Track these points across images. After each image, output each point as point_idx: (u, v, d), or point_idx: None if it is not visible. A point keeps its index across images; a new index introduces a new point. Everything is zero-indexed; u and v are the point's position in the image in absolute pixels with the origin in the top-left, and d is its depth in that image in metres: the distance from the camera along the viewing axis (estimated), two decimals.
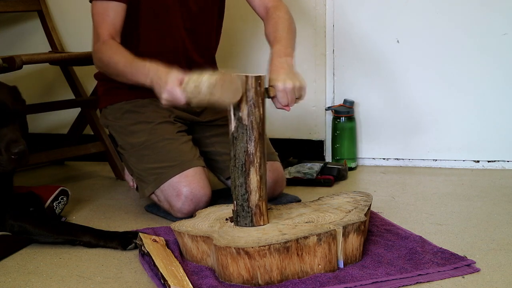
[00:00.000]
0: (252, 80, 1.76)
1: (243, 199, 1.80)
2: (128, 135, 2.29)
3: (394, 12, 2.91)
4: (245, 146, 1.78)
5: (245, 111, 1.77)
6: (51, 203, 2.18)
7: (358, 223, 1.75)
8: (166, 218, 2.22)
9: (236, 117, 1.78)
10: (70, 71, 2.93)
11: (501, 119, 2.88)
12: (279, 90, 1.97)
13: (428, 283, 1.65)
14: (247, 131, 1.78)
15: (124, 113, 2.31)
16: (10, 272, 1.80)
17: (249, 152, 1.78)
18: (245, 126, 1.77)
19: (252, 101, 1.77)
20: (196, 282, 1.65)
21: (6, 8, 2.95)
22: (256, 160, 1.79)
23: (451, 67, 2.89)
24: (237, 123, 1.78)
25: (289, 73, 2.02)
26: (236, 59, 3.04)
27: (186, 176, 2.16)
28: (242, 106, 1.77)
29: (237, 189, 1.80)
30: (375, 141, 3.01)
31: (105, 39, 2.15)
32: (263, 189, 1.81)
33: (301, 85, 2.01)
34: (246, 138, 1.78)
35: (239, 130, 1.78)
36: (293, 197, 2.42)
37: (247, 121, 1.77)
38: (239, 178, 1.80)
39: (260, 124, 1.79)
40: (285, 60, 2.08)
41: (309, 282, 1.62)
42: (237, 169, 1.80)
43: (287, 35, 2.19)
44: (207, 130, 2.38)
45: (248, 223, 1.80)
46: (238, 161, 1.79)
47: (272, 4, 2.31)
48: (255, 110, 1.78)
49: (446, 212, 2.26)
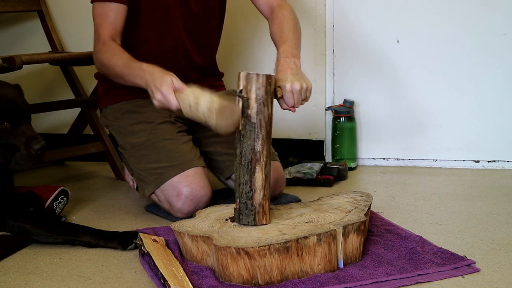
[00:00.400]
0: (263, 78, 1.77)
1: (247, 197, 1.79)
2: (128, 135, 2.29)
3: (394, 12, 2.91)
4: (253, 144, 1.78)
5: (254, 109, 1.77)
6: (51, 203, 2.18)
7: (358, 223, 1.75)
8: (166, 218, 2.22)
9: (245, 115, 1.77)
10: (70, 71, 2.93)
11: (501, 119, 2.88)
12: (286, 91, 1.97)
13: (428, 283, 1.65)
14: (255, 129, 1.77)
15: (125, 113, 2.31)
16: (10, 272, 1.80)
17: (256, 150, 1.78)
18: (254, 124, 1.77)
19: (262, 100, 1.77)
20: (196, 282, 1.65)
21: (6, 8, 2.95)
22: (263, 159, 1.79)
23: (451, 67, 2.89)
24: (245, 121, 1.77)
25: (296, 74, 2.03)
26: (237, 59, 3.04)
27: (187, 176, 2.16)
28: (251, 104, 1.77)
29: (242, 186, 1.80)
30: (375, 141, 3.01)
31: (105, 40, 2.16)
32: (267, 188, 1.81)
33: (308, 87, 2.02)
34: (254, 136, 1.78)
35: (247, 127, 1.78)
36: (293, 197, 2.42)
37: (256, 119, 1.77)
38: (244, 176, 1.79)
39: (268, 123, 1.79)
40: (292, 61, 2.08)
41: (309, 282, 1.62)
42: (243, 167, 1.79)
43: (293, 35, 2.19)
44: (207, 130, 2.37)
45: (250, 221, 1.79)
46: (244, 159, 1.79)
47: (277, 3, 2.31)
48: (264, 108, 1.78)
49: (446, 212, 2.26)
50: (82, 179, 2.88)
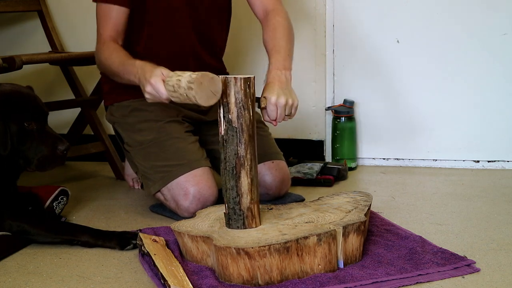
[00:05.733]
0: (240, 81, 1.74)
1: (235, 202, 1.78)
2: (135, 133, 2.29)
3: (394, 12, 2.91)
4: (236, 149, 1.76)
5: (234, 113, 1.75)
6: (51, 203, 2.18)
7: (358, 223, 1.75)
8: (172, 218, 2.21)
9: (226, 120, 1.76)
10: (70, 71, 2.93)
11: (501, 119, 2.88)
12: (271, 103, 1.99)
13: (428, 283, 1.65)
14: (237, 133, 1.75)
15: (132, 111, 2.32)
16: (10, 272, 1.80)
17: (240, 155, 1.76)
18: (235, 129, 1.75)
19: (242, 103, 1.74)
20: (196, 282, 1.65)
21: (6, 8, 2.95)
22: (247, 163, 1.77)
23: (451, 67, 2.89)
24: (227, 126, 1.76)
25: (285, 88, 2.04)
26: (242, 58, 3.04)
27: (194, 176, 2.16)
28: (231, 108, 1.75)
29: (228, 192, 1.79)
30: (375, 141, 3.01)
31: (105, 40, 2.19)
32: (254, 192, 1.79)
33: (294, 103, 2.04)
34: (236, 140, 1.76)
35: (229, 132, 1.76)
36: (298, 196, 2.42)
37: (237, 123, 1.75)
38: (230, 181, 1.78)
39: (250, 126, 1.77)
40: (283, 74, 2.09)
41: (309, 282, 1.62)
42: (228, 172, 1.78)
43: (286, 44, 2.20)
44: (214, 129, 2.38)
45: (240, 226, 1.78)
46: (229, 164, 1.77)
47: (272, 7, 2.31)
48: (244, 112, 1.75)
49: (446, 212, 2.26)
50: (82, 179, 2.88)
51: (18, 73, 2.54)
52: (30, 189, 2.20)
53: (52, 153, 1.99)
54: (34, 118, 1.98)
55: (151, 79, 1.89)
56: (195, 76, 1.73)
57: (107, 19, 2.21)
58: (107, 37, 2.19)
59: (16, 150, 1.96)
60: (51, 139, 1.99)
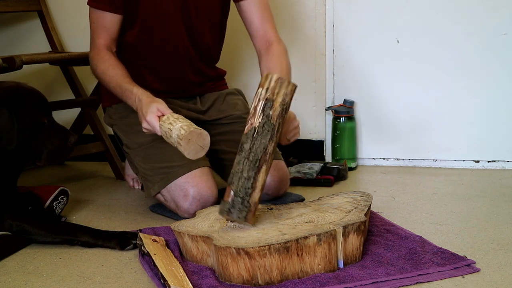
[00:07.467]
0: (293, 87, 1.79)
1: (246, 193, 1.76)
2: (134, 134, 2.29)
3: (394, 12, 2.91)
4: (266, 144, 1.78)
5: (277, 111, 1.77)
6: (51, 203, 2.18)
7: (358, 223, 1.75)
8: (172, 218, 2.21)
9: (265, 114, 1.77)
10: (70, 71, 2.93)
11: (501, 119, 2.88)
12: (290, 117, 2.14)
13: (428, 283, 1.65)
14: (273, 130, 1.78)
15: (131, 112, 2.31)
16: (10, 272, 1.80)
17: (268, 151, 1.78)
18: (272, 125, 1.77)
19: (286, 106, 1.79)
20: (196, 282, 1.65)
21: (6, 8, 2.95)
22: (269, 161, 1.79)
23: (451, 67, 2.89)
24: (265, 120, 1.77)
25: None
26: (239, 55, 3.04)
27: (194, 177, 2.16)
28: (275, 106, 1.77)
29: (243, 181, 1.77)
30: (375, 141, 3.01)
31: (100, 48, 2.22)
32: (261, 192, 1.80)
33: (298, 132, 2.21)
34: (269, 137, 1.78)
35: (265, 126, 1.77)
36: (297, 195, 2.42)
37: (276, 121, 1.77)
38: (248, 171, 1.77)
39: (281, 131, 1.81)
40: None
41: (309, 282, 1.62)
42: (250, 162, 1.77)
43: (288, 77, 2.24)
44: (212, 129, 2.38)
45: (241, 217, 1.76)
46: (254, 156, 1.77)
47: (274, 39, 2.31)
48: (284, 114, 1.79)
49: (446, 212, 2.26)
50: (82, 179, 2.88)
51: (18, 73, 2.54)
52: (30, 189, 2.19)
53: (63, 145, 2.05)
54: (45, 112, 2.03)
55: (147, 117, 1.97)
56: (184, 132, 1.83)
57: (100, 25, 2.23)
58: (101, 46, 2.22)
59: (23, 144, 1.98)
60: (61, 132, 2.06)
